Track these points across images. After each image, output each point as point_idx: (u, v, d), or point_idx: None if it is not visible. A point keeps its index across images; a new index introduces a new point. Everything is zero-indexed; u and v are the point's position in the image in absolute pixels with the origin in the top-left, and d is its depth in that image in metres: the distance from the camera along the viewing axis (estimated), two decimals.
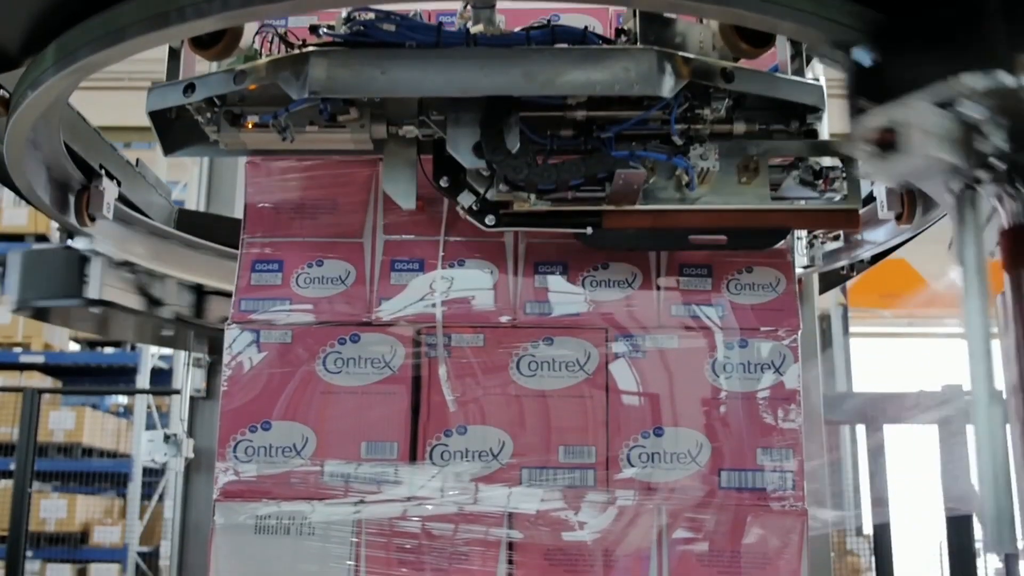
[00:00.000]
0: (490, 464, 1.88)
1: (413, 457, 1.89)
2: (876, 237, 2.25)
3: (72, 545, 7.34)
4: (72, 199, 2.13)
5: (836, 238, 2.38)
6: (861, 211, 1.83)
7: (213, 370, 3.27)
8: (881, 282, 10.75)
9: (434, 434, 1.89)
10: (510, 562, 1.83)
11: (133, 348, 8.05)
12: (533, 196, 1.72)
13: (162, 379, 7.34)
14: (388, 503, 1.86)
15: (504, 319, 1.93)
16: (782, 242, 1.90)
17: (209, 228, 2.77)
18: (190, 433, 3.18)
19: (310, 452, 1.89)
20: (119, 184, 2.25)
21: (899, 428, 5.08)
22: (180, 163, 6.77)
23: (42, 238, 8.18)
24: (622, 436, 1.88)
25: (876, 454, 4.72)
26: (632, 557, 1.83)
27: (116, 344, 8.18)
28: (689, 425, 1.88)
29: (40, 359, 7.94)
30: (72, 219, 2.14)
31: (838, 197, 1.77)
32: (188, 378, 3.06)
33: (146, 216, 2.53)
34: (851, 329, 8.93)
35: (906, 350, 11.42)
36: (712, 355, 1.91)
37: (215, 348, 3.27)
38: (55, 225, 7.02)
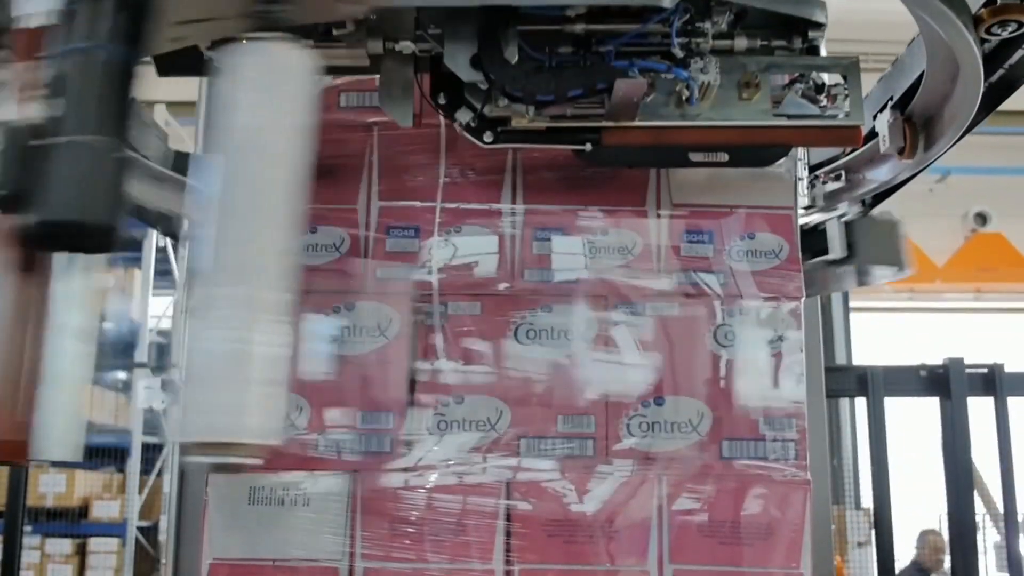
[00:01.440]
0: (488, 434, 1.85)
1: (410, 427, 1.85)
2: (878, 176, 2.22)
3: (71, 520, 7.32)
4: None
5: (837, 178, 2.35)
6: (863, 149, 1.79)
7: None
8: None
9: (431, 404, 1.86)
10: (508, 533, 1.81)
11: (132, 323, 8.01)
12: (531, 110, 1.67)
13: (161, 356, 7.32)
14: (384, 473, 1.83)
15: (502, 287, 1.90)
16: (785, 205, 1.87)
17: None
18: None
19: (304, 422, 1.86)
20: None
21: (900, 401, 5.06)
22: (178, 135, 6.71)
23: None
24: (622, 405, 1.85)
25: (876, 427, 4.69)
26: (632, 528, 1.81)
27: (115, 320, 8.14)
28: (690, 394, 1.85)
29: None
30: None
31: (840, 114, 1.74)
32: (186, 326, 3.02)
33: (143, 156, 2.48)
34: (851, 303, 8.92)
35: (906, 324, 11.38)
36: (713, 323, 1.88)
37: None
38: None
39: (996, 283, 11.03)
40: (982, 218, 11.07)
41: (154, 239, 7.79)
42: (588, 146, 1.71)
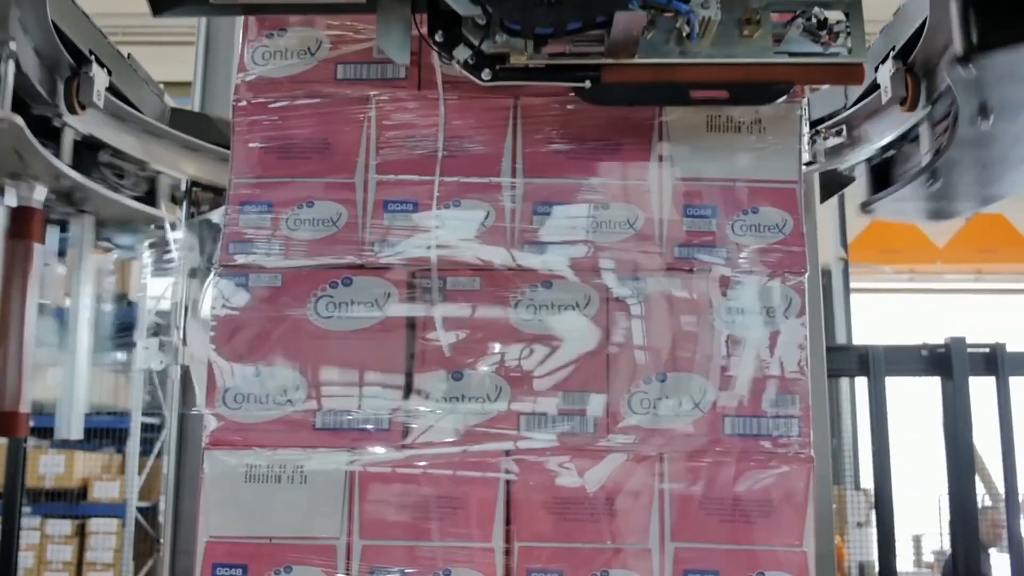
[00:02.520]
0: (488, 410, 1.82)
1: (408, 404, 1.83)
2: (880, 130, 2.20)
3: (71, 501, 7.33)
4: (62, 86, 2.08)
5: (839, 133, 2.32)
6: (864, 102, 1.76)
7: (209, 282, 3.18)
8: (882, 238, 10.71)
9: (429, 380, 1.84)
10: (508, 511, 1.79)
11: (130, 304, 7.98)
12: (530, 46, 1.64)
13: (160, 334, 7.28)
14: (382, 450, 1.81)
15: (501, 262, 1.87)
16: (790, 179, 1.84)
17: (204, 128, 2.69)
18: (186, 341, 3.11)
19: (301, 399, 1.83)
20: (110, 74, 2.19)
21: (900, 381, 5.04)
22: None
23: None
24: (623, 382, 1.83)
25: (877, 407, 4.68)
26: (633, 505, 1.79)
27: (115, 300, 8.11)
28: (692, 370, 1.83)
29: None
30: (62, 106, 2.08)
31: (843, 52, 1.71)
32: (184, 286, 2.99)
33: (138, 111, 2.46)
34: (852, 285, 8.89)
35: (906, 306, 11.37)
36: (716, 298, 1.85)
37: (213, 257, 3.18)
38: None
39: (997, 264, 11.02)
40: None
41: None
42: (587, 83, 1.69)
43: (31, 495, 7.23)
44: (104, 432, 7.78)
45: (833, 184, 2.82)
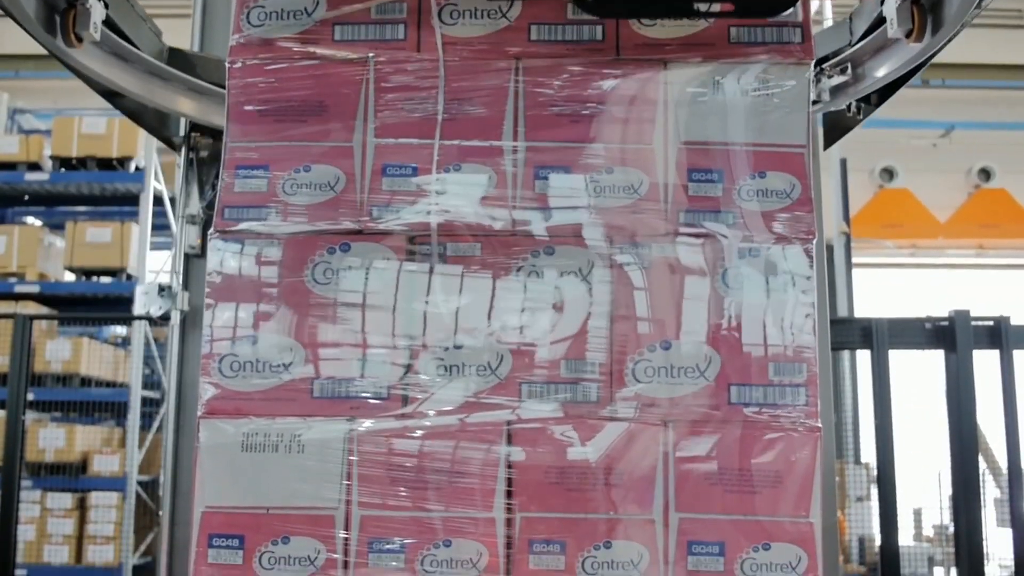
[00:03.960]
0: (489, 379, 1.79)
1: (408, 372, 1.80)
2: (884, 65, 2.15)
3: (72, 475, 7.32)
4: (58, 19, 2.03)
5: (843, 71, 2.28)
6: (868, 38, 1.71)
7: (207, 227, 3.14)
8: (884, 212, 10.66)
9: (430, 348, 1.80)
10: (509, 481, 1.76)
11: (129, 278, 7.95)
12: None
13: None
14: (382, 419, 1.77)
15: (503, 227, 1.83)
16: (798, 143, 1.79)
17: (201, 68, 2.63)
18: (185, 287, 3.07)
19: (299, 367, 1.80)
20: (107, 7, 2.14)
21: (903, 354, 5.01)
22: None
23: (34, 166, 8.05)
24: (627, 350, 1.79)
25: (880, 380, 4.65)
26: (637, 475, 1.75)
27: (112, 273, 8.07)
28: (697, 338, 1.79)
29: (35, 288, 7.85)
30: (59, 39, 2.03)
31: None
32: (182, 234, 2.95)
33: (134, 47, 2.41)
34: (853, 260, 8.86)
35: (908, 281, 11.34)
36: (722, 265, 1.81)
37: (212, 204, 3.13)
38: (47, 152, 6.82)
39: (999, 239, 10.99)
40: (986, 173, 11.00)
41: (151, 192, 7.72)
42: None
43: (31, 469, 7.23)
44: (104, 406, 7.77)
45: (838, 128, 2.76)
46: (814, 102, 2.25)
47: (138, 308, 2.79)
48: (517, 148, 1.85)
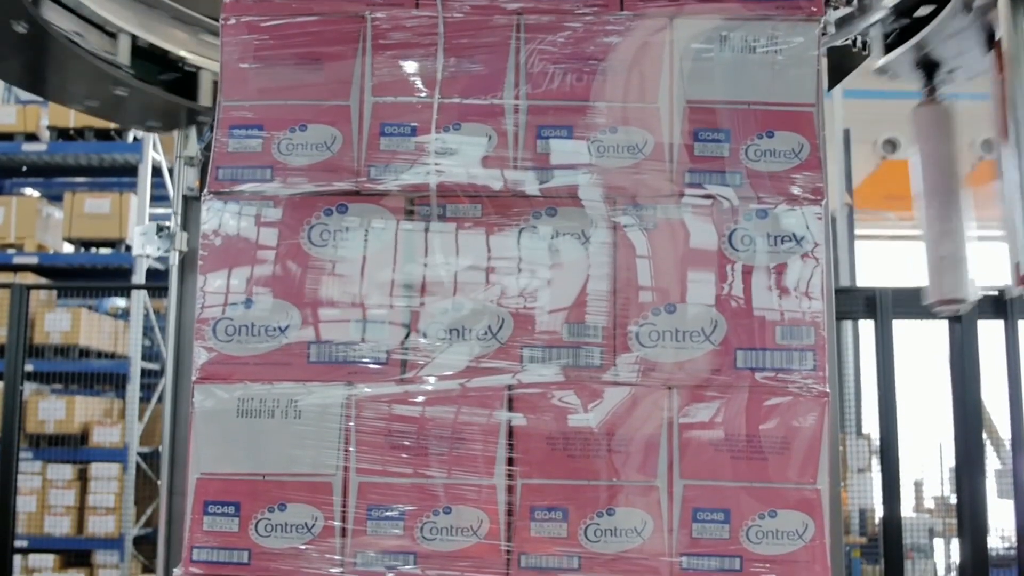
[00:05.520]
0: (489, 343, 1.75)
1: (407, 336, 1.76)
2: None
3: (72, 446, 7.32)
4: None
5: (848, 2, 2.22)
6: None
7: (205, 169, 3.09)
8: (886, 184, 10.60)
9: (430, 312, 1.76)
10: (510, 447, 1.72)
11: (128, 249, 7.91)
12: None
13: (157, 280, 7.23)
14: (381, 384, 1.74)
15: (503, 187, 1.78)
16: (807, 101, 1.74)
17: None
18: (184, 227, 3.03)
19: (295, 331, 1.76)
20: None
21: (907, 324, 4.98)
22: None
23: (32, 137, 7.99)
24: (630, 313, 1.75)
25: (884, 350, 4.63)
26: (640, 441, 1.72)
27: (111, 244, 8.03)
28: (703, 301, 1.75)
29: (34, 260, 7.82)
30: None
31: None
32: (181, 174, 2.91)
33: None
34: (856, 231, 8.81)
35: (910, 253, 11.29)
36: (728, 226, 1.76)
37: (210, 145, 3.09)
38: (44, 123, 6.74)
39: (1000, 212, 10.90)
40: (988, 145, 10.93)
41: (149, 163, 7.67)
42: None
43: (32, 440, 7.23)
44: (105, 377, 7.77)
45: (843, 66, 2.70)
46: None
47: (136, 248, 2.75)
48: (518, 107, 1.80)
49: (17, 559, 6.58)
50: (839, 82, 2.70)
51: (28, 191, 8.96)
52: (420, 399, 1.73)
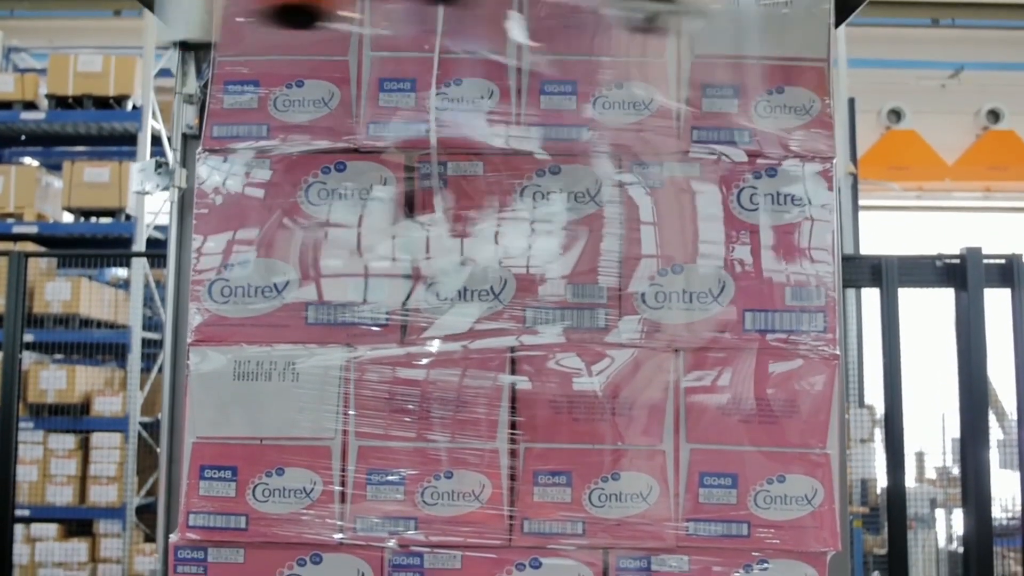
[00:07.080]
0: (492, 304, 1.71)
1: (408, 297, 1.71)
2: None
3: (74, 416, 7.31)
4: None
5: None
6: None
7: (204, 107, 3.04)
8: (890, 154, 10.53)
9: (430, 272, 1.72)
10: (513, 410, 1.68)
11: (128, 218, 7.86)
12: None
13: (158, 249, 7.20)
14: (381, 346, 1.70)
15: (506, 144, 1.73)
16: (818, 56, 1.69)
17: None
18: (183, 164, 2.99)
19: (292, 292, 1.72)
20: None
21: (912, 292, 4.94)
22: None
23: (30, 105, 7.92)
24: (636, 274, 1.70)
25: (890, 318, 4.58)
26: (646, 405, 1.68)
27: (111, 214, 7.98)
28: (711, 262, 1.70)
29: (33, 229, 7.77)
30: None
31: None
32: (180, 112, 2.87)
33: None
34: (859, 202, 8.75)
35: (914, 223, 11.24)
36: (737, 185, 1.72)
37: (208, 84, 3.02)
38: (43, 91, 6.65)
39: (1006, 182, 10.87)
40: (995, 115, 10.85)
41: (148, 131, 7.60)
42: None
43: (33, 410, 7.21)
44: (106, 347, 7.74)
45: (847, 6, 2.63)
46: None
47: (135, 186, 2.70)
48: (521, 62, 1.75)
49: (19, 528, 6.58)
50: (844, 21, 2.62)
51: (27, 160, 8.90)
52: (421, 362, 1.69)
